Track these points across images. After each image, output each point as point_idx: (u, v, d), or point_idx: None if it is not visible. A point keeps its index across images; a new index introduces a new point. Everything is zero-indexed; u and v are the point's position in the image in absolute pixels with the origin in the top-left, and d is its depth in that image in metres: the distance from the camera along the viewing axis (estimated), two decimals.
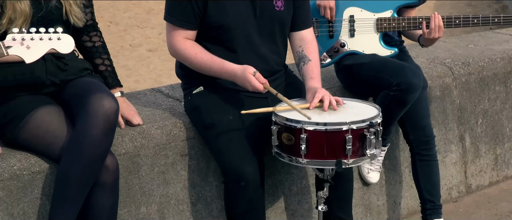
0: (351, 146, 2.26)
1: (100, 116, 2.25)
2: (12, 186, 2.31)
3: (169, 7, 2.61)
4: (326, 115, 2.37)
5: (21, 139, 2.37)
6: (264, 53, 2.66)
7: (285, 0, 2.66)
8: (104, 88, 2.42)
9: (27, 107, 2.37)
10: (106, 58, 2.68)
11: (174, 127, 2.70)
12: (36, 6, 2.38)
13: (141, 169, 2.60)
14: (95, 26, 2.68)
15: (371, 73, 2.98)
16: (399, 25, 3.07)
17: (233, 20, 2.57)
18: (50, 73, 2.45)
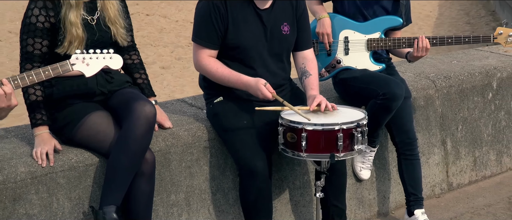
0: (342, 142, 2.83)
1: (142, 118, 2.82)
2: (70, 175, 2.88)
3: (196, 30, 3.17)
4: (322, 117, 2.94)
5: (77, 138, 2.95)
6: (273, 69, 3.23)
7: (290, 26, 3.24)
8: (144, 97, 2.99)
9: (82, 112, 2.95)
10: (143, 72, 3.27)
11: (198, 130, 3.27)
12: (89, 30, 2.96)
13: (171, 163, 3.16)
14: (134, 46, 3.26)
15: (362, 85, 3.54)
16: (386, 44, 3.65)
17: (248, 42, 3.14)
18: (100, 85, 3.03)
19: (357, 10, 3.65)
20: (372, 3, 3.64)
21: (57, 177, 2.85)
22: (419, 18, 14.69)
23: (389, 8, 3.67)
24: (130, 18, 3.23)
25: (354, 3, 3.64)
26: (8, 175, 2.74)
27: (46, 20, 2.87)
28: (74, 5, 2.87)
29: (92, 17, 2.98)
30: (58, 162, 2.86)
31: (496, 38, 3.61)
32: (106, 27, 3.02)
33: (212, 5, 3.09)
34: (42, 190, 2.82)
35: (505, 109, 4.50)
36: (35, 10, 2.86)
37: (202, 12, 3.14)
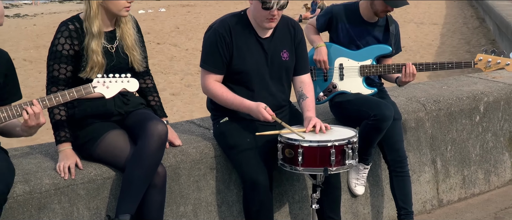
0: (334, 157, 3.11)
1: (155, 135, 3.11)
2: (89, 187, 3.17)
3: (204, 57, 3.48)
4: (317, 135, 3.22)
5: (96, 153, 3.24)
6: (274, 92, 3.53)
7: (289, 52, 3.55)
8: (157, 117, 3.29)
9: (101, 131, 3.25)
10: (156, 95, 3.57)
11: (205, 147, 3.56)
12: (108, 57, 3.27)
13: (180, 178, 3.45)
14: (148, 72, 3.57)
15: (355, 108, 3.83)
16: (377, 70, 3.95)
17: (251, 67, 3.45)
18: (118, 106, 3.33)
19: (351, 39, 3.96)
20: (364, 34, 3.95)
21: (77, 188, 3.14)
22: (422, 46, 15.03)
23: (380, 37, 3.98)
24: (145, 46, 3.55)
25: (348, 33, 3.95)
26: (34, 186, 3.04)
27: (71, 48, 3.18)
28: (96, 35, 3.18)
29: (112, 46, 3.29)
30: (78, 175, 3.15)
31: (476, 64, 3.90)
32: (124, 54, 3.32)
33: (219, 35, 3.40)
34: (64, 200, 3.11)
35: (492, 131, 4.77)
36: (61, 39, 3.18)
37: (209, 41, 3.45)
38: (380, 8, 3.80)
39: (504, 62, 3.85)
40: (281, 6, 3.28)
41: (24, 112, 2.81)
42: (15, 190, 2.97)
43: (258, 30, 3.46)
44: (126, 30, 3.33)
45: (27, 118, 2.82)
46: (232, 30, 3.42)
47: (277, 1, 3.24)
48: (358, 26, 3.95)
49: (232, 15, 3.51)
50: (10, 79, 3.02)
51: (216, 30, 3.42)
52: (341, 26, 3.96)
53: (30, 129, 2.89)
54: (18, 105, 2.83)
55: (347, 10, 3.97)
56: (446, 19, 20.04)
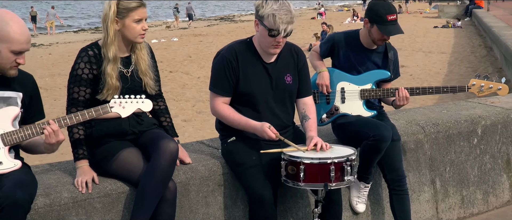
0: (334, 173, 3.30)
1: (167, 152, 3.33)
2: (105, 201, 3.39)
3: (213, 81, 3.71)
4: (318, 153, 3.42)
5: (112, 170, 3.46)
6: (278, 113, 3.74)
7: (293, 76, 3.77)
8: (169, 136, 3.51)
9: (116, 149, 3.46)
10: (167, 116, 3.80)
11: (214, 165, 3.77)
12: (124, 80, 3.50)
13: (190, 193, 3.65)
14: (161, 94, 3.80)
15: (356, 129, 4.03)
16: (376, 94, 4.16)
17: (256, 90, 3.67)
18: (132, 126, 3.55)
19: (352, 65, 4.18)
20: (364, 59, 4.17)
21: (94, 202, 3.35)
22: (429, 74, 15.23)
23: (379, 63, 4.20)
24: (159, 71, 3.78)
25: (348, 59, 4.18)
26: (54, 199, 3.25)
27: (90, 72, 3.42)
28: (112, 60, 3.42)
29: (127, 70, 3.53)
30: (95, 190, 3.36)
31: (470, 89, 4.10)
32: (138, 78, 3.56)
33: (226, 60, 3.63)
34: (81, 213, 3.32)
35: (490, 153, 4.94)
36: (81, 64, 3.42)
37: (217, 66, 3.69)
38: (377, 36, 4.03)
39: (496, 87, 4.05)
40: (287, 33, 3.50)
41: (45, 130, 3.04)
42: (36, 202, 3.18)
43: (263, 55, 3.68)
44: (141, 56, 3.57)
45: (48, 135, 3.05)
46: (239, 56, 3.65)
47: (283, 29, 3.47)
48: (358, 53, 4.17)
49: (239, 42, 3.75)
50: (35, 100, 3.26)
51: (224, 56, 3.66)
52: (342, 53, 4.19)
53: (51, 146, 3.11)
54: (40, 124, 3.06)
55: (348, 38, 4.20)
56: (454, 48, 20.26)
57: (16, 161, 3.04)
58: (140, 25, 3.45)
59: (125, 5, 3.40)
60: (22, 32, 2.97)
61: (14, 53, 2.97)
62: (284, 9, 3.45)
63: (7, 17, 2.95)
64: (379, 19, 3.98)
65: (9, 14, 2.99)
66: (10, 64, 3.00)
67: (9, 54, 2.96)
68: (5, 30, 2.91)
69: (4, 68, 3.01)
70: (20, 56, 3.00)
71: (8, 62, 2.98)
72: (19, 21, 3.01)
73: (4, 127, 3.02)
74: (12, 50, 2.95)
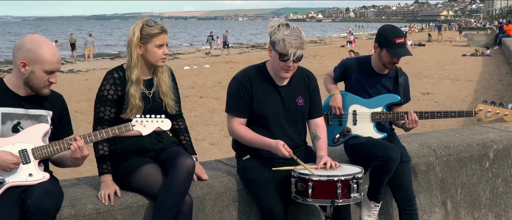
0: (341, 190, 3.44)
1: (184, 168, 3.51)
2: (126, 213, 3.58)
3: (229, 103, 3.90)
4: (326, 171, 3.57)
5: (133, 184, 3.66)
6: (290, 133, 3.91)
7: (304, 98, 3.93)
8: (186, 153, 3.69)
9: (138, 164, 3.66)
10: (187, 135, 3.99)
11: (229, 182, 3.94)
12: (146, 101, 3.72)
13: (206, 208, 3.82)
14: (181, 115, 4.00)
15: (366, 150, 4.17)
16: (386, 117, 4.29)
17: (269, 111, 3.85)
18: (153, 144, 3.75)
19: (363, 89, 4.33)
20: (375, 84, 4.32)
21: (115, 213, 3.54)
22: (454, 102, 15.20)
23: (390, 87, 4.34)
24: (179, 93, 3.99)
25: (360, 84, 4.33)
26: (79, 210, 3.46)
27: (115, 93, 3.65)
28: (135, 82, 3.64)
29: (150, 91, 3.74)
30: (117, 202, 3.56)
31: (477, 114, 4.21)
32: (159, 99, 3.77)
33: (240, 83, 3.83)
34: None
35: (502, 177, 5.00)
36: (107, 86, 3.65)
37: (233, 89, 3.88)
38: (387, 59, 4.18)
39: (502, 113, 4.15)
40: (296, 58, 3.68)
41: (71, 146, 3.27)
42: (62, 212, 3.39)
43: (275, 79, 3.86)
44: (162, 79, 3.78)
45: (74, 150, 3.27)
46: (252, 79, 3.84)
47: (293, 54, 3.65)
48: (369, 77, 4.32)
49: (253, 67, 3.94)
50: (64, 118, 3.48)
51: (238, 80, 3.85)
52: (354, 77, 4.35)
53: (77, 160, 3.33)
54: (67, 140, 3.29)
55: (359, 63, 4.36)
56: (482, 76, 20.17)
57: (45, 173, 3.26)
58: (161, 50, 3.67)
59: (148, 31, 3.63)
60: (53, 54, 3.22)
61: (47, 73, 3.21)
62: (294, 35, 3.63)
63: (40, 41, 3.21)
64: (387, 42, 4.14)
65: (41, 38, 3.25)
66: (43, 83, 3.23)
67: (42, 74, 3.20)
68: (39, 53, 3.16)
69: (38, 87, 3.24)
70: (52, 75, 3.24)
71: (41, 81, 3.22)
72: (50, 44, 3.26)
73: (35, 142, 3.25)
74: (45, 70, 3.19)
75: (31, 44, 3.18)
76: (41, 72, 3.20)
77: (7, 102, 3.22)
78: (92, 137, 3.35)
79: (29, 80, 3.21)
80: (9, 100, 3.23)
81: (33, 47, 3.17)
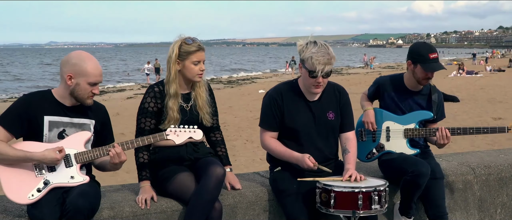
0: (362, 202, 3.49)
1: (214, 176, 3.66)
2: (161, 217, 3.75)
3: (261, 118, 4.02)
4: (350, 183, 3.62)
5: (169, 190, 3.84)
6: (320, 146, 3.98)
7: (335, 113, 4.00)
8: (218, 162, 3.84)
9: (173, 172, 3.85)
10: (223, 147, 4.15)
11: (260, 192, 4.06)
12: (183, 113, 3.91)
13: (237, 216, 3.95)
14: (218, 127, 4.16)
15: (397, 165, 4.18)
16: (419, 133, 4.29)
17: (299, 126, 3.94)
18: (189, 153, 3.93)
19: (396, 105, 4.35)
20: (408, 100, 4.33)
21: (151, 217, 3.73)
22: None
23: (423, 104, 4.34)
24: (216, 107, 4.17)
25: (393, 101, 4.35)
26: (117, 212, 3.67)
27: (155, 105, 3.87)
28: (173, 95, 3.85)
29: (187, 105, 3.94)
30: (153, 206, 3.75)
31: (510, 130, 4.13)
32: (196, 112, 3.95)
33: (272, 99, 3.96)
34: None
35: None
36: (148, 99, 3.88)
37: (265, 104, 4.01)
38: (421, 75, 4.19)
39: None
40: (325, 74, 3.77)
41: (110, 152, 3.50)
42: (102, 213, 3.62)
43: (306, 94, 3.96)
44: (199, 93, 3.97)
45: (112, 156, 3.50)
46: (283, 94, 3.95)
47: (321, 70, 3.74)
48: (402, 94, 4.34)
49: (285, 83, 4.06)
50: (106, 127, 3.72)
51: (271, 95, 3.98)
52: (387, 95, 4.38)
53: (115, 165, 3.56)
54: (107, 146, 3.52)
55: (392, 81, 4.39)
56: None
57: (85, 176, 3.51)
58: (198, 67, 3.86)
59: (186, 49, 3.83)
60: (96, 68, 3.47)
61: (90, 84, 3.47)
62: (322, 51, 3.72)
63: (84, 56, 3.47)
64: (421, 58, 4.15)
65: (85, 54, 3.51)
66: (87, 94, 3.49)
67: (86, 86, 3.46)
68: (83, 67, 3.43)
69: (83, 98, 3.50)
70: (94, 87, 3.49)
71: (86, 92, 3.47)
72: (93, 58, 3.51)
73: (77, 148, 3.50)
74: (89, 82, 3.45)
75: (76, 59, 3.45)
76: (86, 84, 3.46)
77: (54, 112, 3.50)
78: (129, 144, 3.56)
79: (74, 91, 3.47)
80: (56, 109, 3.50)
81: (79, 62, 3.44)
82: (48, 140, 3.48)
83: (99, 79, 3.52)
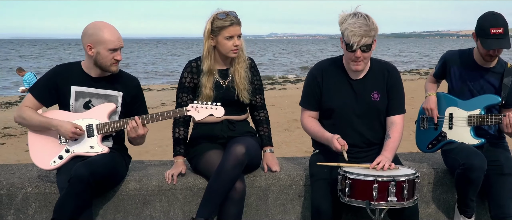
0: (377, 192, 3.04)
1: (233, 155, 3.47)
2: (186, 193, 3.68)
3: (302, 97, 3.72)
4: (372, 171, 3.16)
5: (198, 167, 3.73)
6: (361, 130, 3.55)
7: (380, 94, 3.55)
8: (242, 141, 3.60)
9: (204, 149, 3.71)
10: (265, 127, 3.92)
11: (297, 176, 3.76)
12: (218, 90, 3.76)
13: (268, 199, 3.71)
14: (262, 106, 3.94)
15: (452, 156, 3.60)
16: (484, 120, 3.63)
17: (338, 105, 3.55)
18: (224, 131, 3.78)
19: (464, 83, 3.73)
20: (478, 78, 3.68)
21: (176, 192, 3.67)
22: None
23: (495, 84, 3.67)
24: (262, 84, 3.95)
25: (460, 77, 3.73)
26: (143, 185, 3.67)
27: (191, 81, 3.78)
28: (206, 72, 3.72)
29: (224, 81, 3.79)
30: (179, 182, 3.68)
31: None
32: (233, 88, 3.79)
33: (312, 76, 3.63)
34: (164, 200, 3.66)
35: None
36: (185, 74, 3.81)
37: (306, 82, 3.70)
38: (482, 51, 3.56)
39: None
40: (364, 47, 3.35)
41: (128, 125, 3.49)
42: (128, 185, 3.65)
43: (349, 72, 3.57)
44: (238, 69, 3.79)
45: (129, 130, 3.50)
46: (324, 72, 3.60)
47: (356, 42, 3.32)
48: (471, 71, 3.72)
49: (328, 59, 3.70)
50: (137, 100, 3.71)
51: (311, 72, 3.66)
52: (453, 71, 3.78)
53: (133, 138, 3.56)
54: (126, 119, 3.52)
55: (461, 55, 3.78)
56: None
57: (104, 147, 3.54)
58: (231, 42, 3.68)
59: (218, 24, 3.68)
60: (113, 33, 3.46)
61: (111, 51, 3.48)
62: (359, 22, 3.30)
63: (99, 25, 3.49)
64: (482, 32, 3.52)
65: (100, 22, 3.52)
66: (110, 61, 3.50)
67: (106, 53, 3.47)
68: (100, 35, 3.45)
69: (106, 66, 3.52)
70: (115, 53, 3.49)
71: (107, 60, 3.49)
72: (109, 25, 3.49)
73: (101, 119, 3.55)
74: (108, 48, 3.46)
75: (92, 29, 3.48)
76: (105, 52, 3.47)
77: (80, 82, 3.58)
78: (148, 118, 3.52)
79: (97, 60, 3.51)
80: (82, 80, 3.58)
81: (95, 31, 3.47)
82: (74, 110, 3.57)
83: (117, 44, 3.49)
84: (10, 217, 3.59)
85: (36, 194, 3.59)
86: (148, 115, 3.54)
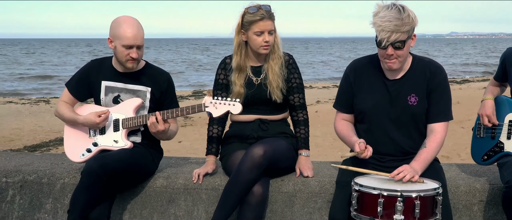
0: (382, 208, 2.64)
1: (249, 157, 3.24)
2: (211, 194, 3.52)
3: (336, 100, 3.37)
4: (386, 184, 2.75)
5: (226, 167, 3.56)
6: (395, 137, 3.13)
7: (419, 97, 3.10)
8: (267, 142, 3.35)
9: (232, 149, 3.53)
10: (303, 128, 3.62)
11: (328, 183, 3.43)
12: (250, 88, 3.55)
13: (294, 206, 3.42)
14: (303, 106, 3.65)
15: (503, 172, 3.03)
16: None
17: (369, 107, 3.16)
18: (254, 131, 3.56)
19: None
20: None
21: (201, 192, 3.53)
22: None
23: None
24: (302, 83, 3.67)
25: None
26: (169, 183, 3.59)
27: (224, 78, 3.62)
28: (235, 69, 3.53)
29: (257, 78, 3.57)
30: (205, 182, 3.54)
31: None
32: (265, 86, 3.56)
33: (345, 75, 3.28)
34: (189, 199, 3.55)
35: None
36: (218, 70, 3.65)
37: (340, 82, 3.36)
38: None
39: None
40: (397, 43, 2.94)
41: (148, 121, 3.43)
42: (155, 182, 3.60)
43: (386, 71, 3.17)
44: (272, 66, 3.55)
45: (150, 125, 3.43)
46: (357, 71, 3.24)
47: (385, 39, 2.93)
48: None
49: (365, 57, 3.31)
50: (167, 95, 3.62)
51: (345, 72, 3.32)
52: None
53: (154, 134, 3.48)
54: (148, 115, 3.46)
55: None
56: None
57: (127, 142, 3.50)
58: (261, 38, 3.46)
59: (248, 18, 3.47)
60: (129, 31, 3.38)
61: (126, 47, 3.43)
62: (390, 16, 2.89)
63: (121, 20, 3.44)
64: None
65: (124, 17, 3.46)
66: (125, 57, 3.44)
67: (122, 48, 3.42)
68: (118, 30, 3.41)
69: (122, 61, 3.47)
70: (131, 50, 3.42)
71: (123, 55, 3.44)
72: (130, 21, 3.42)
73: (127, 113, 3.53)
74: (123, 45, 3.41)
75: (115, 23, 3.45)
76: (121, 47, 3.42)
77: (109, 77, 3.58)
78: (169, 114, 3.43)
79: (115, 55, 3.49)
80: (111, 75, 3.58)
81: (115, 25, 3.44)
82: (105, 104, 3.59)
83: (132, 42, 3.41)
84: (49, 205, 3.71)
85: (72, 184, 3.66)
86: (167, 111, 3.45)
